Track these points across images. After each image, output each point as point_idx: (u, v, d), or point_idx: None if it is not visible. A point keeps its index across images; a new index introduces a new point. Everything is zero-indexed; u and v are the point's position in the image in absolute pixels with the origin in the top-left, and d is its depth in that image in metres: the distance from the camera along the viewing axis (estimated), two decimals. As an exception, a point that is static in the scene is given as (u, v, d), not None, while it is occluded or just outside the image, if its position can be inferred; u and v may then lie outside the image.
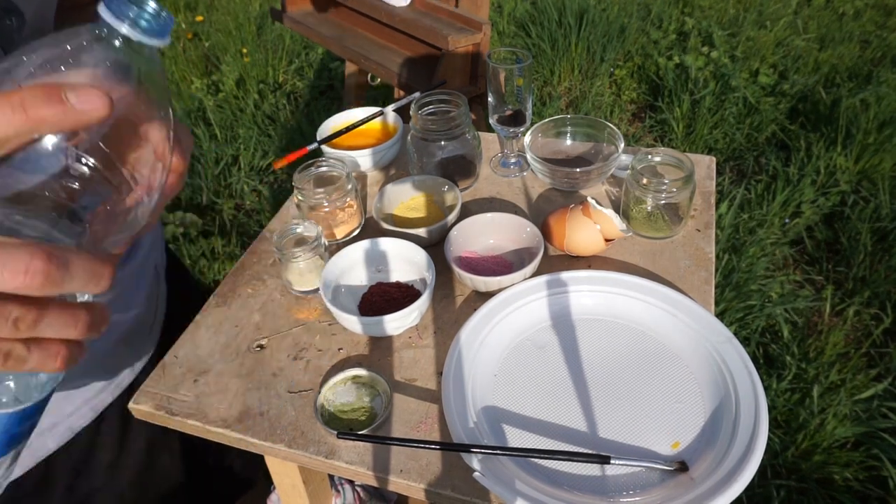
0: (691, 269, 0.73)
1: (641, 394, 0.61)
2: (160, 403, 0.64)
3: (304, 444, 0.59)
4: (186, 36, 3.41)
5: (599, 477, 0.55)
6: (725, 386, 0.60)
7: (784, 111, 2.52)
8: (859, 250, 1.90)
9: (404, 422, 0.60)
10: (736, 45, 2.82)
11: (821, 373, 1.58)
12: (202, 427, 0.62)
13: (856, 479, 1.39)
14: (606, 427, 0.59)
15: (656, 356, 0.64)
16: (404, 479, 0.56)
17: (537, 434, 0.59)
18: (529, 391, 0.62)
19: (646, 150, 0.78)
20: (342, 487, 0.91)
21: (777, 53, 2.80)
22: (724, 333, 0.63)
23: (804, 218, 2.05)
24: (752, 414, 0.56)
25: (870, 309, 1.77)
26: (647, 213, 0.75)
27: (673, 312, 0.65)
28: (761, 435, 0.54)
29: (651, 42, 2.96)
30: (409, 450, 0.58)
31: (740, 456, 0.53)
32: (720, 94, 2.55)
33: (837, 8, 3.17)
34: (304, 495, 0.75)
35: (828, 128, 2.36)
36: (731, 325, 1.67)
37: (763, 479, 1.39)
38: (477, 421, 0.58)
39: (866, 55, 2.77)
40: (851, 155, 2.22)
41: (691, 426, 0.58)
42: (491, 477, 0.52)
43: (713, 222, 0.79)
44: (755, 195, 2.14)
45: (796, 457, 1.43)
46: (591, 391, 0.62)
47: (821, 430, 1.45)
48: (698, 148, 2.39)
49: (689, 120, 2.49)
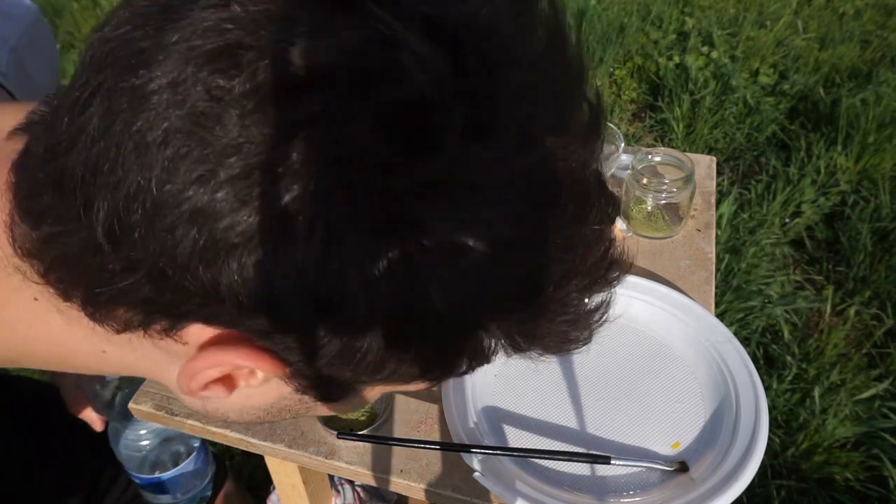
0: (691, 269, 0.73)
1: (641, 394, 0.61)
2: (160, 403, 0.63)
3: (304, 444, 0.59)
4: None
5: (599, 477, 0.55)
6: (726, 386, 0.60)
7: (784, 111, 2.51)
8: (860, 250, 1.90)
9: (404, 422, 0.60)
10: (736, 45, 2.82)
11: (821, 373, 1.58)
12: (202, 427, 0.61)
13: (856, 480, 1.39)
14: (606, 427, 0.59)
15: (656, 356, 0.64)
16: (404, 480, 0.56)
17: (537, 434, 0.59)
18: (529, 391, 0.62)
19: (646, 150, 0.78)
20: (342, 487, 0.91)
21: (777, 53, 2.80)
22: (724, 333, 0.63)
23: (804, 218, 2.05)
24: (753, 414, 0.56)
25: (870, 309, 1.77)
26: (647, 213, 0.75)
27: (673, 312, 0.65)
28: (762, 435, 0.54)
29: (651, 42, 2.96)
30: (410, 450, 0.58)
31: (741, 456, 0.53)
32: (720, 94, 2.55)
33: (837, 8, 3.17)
34: (304, 495, 0.75)
35: (828, 127, 2.36)
36: (732, 325, 1.67)
37: (763, 480, 1.39)
38: (477, 421, 0.58)
39: (866, 55, 2.77)
40: (852, 155, 2.22)
41: (691, 426, 0.58)
42: (491, 477, 0.52)
43: (713, 222, 0.79)
44: (755, 195, 2.14)
45: (797, 457, 1.43)
46: (591, 391, 0.61)
47: (821, 430, 1.45)
48: (698, 148, 2.39)
49: (689, 120, 2.49)
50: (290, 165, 0.26)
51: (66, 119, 0.29)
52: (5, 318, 0.35)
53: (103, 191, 0.28)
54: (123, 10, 0.29)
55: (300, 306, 0.28)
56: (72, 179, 0.28)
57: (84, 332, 0.34)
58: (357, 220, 0.26)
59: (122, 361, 0.37)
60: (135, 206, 0.27)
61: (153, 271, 0.28)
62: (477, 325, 0.31)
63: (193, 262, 0.28)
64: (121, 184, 0.27)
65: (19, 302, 0.34)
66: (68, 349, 0.37)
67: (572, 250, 0.31)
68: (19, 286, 0.34)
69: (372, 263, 0.27)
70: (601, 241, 0.32)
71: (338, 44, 0.26)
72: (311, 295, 0.27)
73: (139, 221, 0.27)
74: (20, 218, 0.32)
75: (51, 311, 0.34)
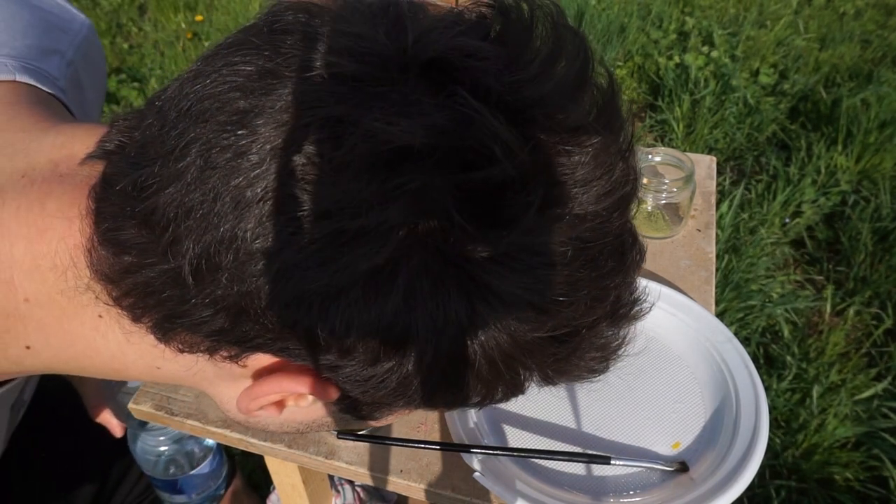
0: (691, 268, 0.73)
1: (642, 394, 0.61)
2: (160, 403, 0.63)
3: (303, 444, 0.59)
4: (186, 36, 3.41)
5: (599, 477, 0.55)
6: (726, 386, 0.59)
7: (784, 111, 2.51)
8: (860, 250, 1.90)
9: (404, 422, 0.60)
10: (736, 45, 2.82)
11: (821, 373, 1.58)
12: (202, 427, 0.61)
13: (856, 480, 1.39)
14: (606, 427, 0.59)
15: (656, 356, 0.64)
16: (404, 480, 0.56)
17: (537, 434, 0.59)
18: (529, 391, 0.62)
19: (646, 150, 0.78)
20: (342, 487, 0.91)
21: (777, 53, 2.79)
22: (724, 333, 0.63)
23: (804, 218, 2.05)
24: (753, 414, 0.56)
25: (870, 309, 1.77)
26: (647, 213, 0.75)
27: (673, 312, 0.65)
28: (762, 435, 0.54)
29: (651, 42, 2.96)
30: (409, 450, 0.58)
31: (741, 456, 0.53)
32: (720, 94, 2.55)
33: (838, 7, 3.17)
34: (303, 495, 0.75)
35: (828, 127, 2.36)
36: (732, 325, 1.67)
37: (763, 480, 1.39)
38: (477, 421, 0.58)
39: (867, 55, 2.76)
40: (852, 154, 2.22)
41: (692, 426, 0.58)
42: (491, 477, 0.52)
43: (713, 222, 0.79)
44: (755, 195, 2.14)
45: (797, 457, 1.43)
46: (591, 391, 0.61)
47: (821, 431, 1.45)
48: (698, 148, 2.39)
49: (690, 120, 2.49)
50: (379, 230, 0.28)
51: (160, 163, 0.31)
52: (68, 330, 0.37)
53: (195, 233, 0.30)
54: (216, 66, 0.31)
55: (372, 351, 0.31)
56: (162, 217, 0.31)
57: (142, 350, 0.37)
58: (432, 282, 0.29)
59: (173, 376, 0.39)
60: (226, 252, 0.30)
61: (234, 308, 0.31)
62: (520, 367, 0.35)
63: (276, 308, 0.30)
64: (214, 229, 0.30)
65: (85, 317, 0.36)
66: (123, 364, 0.39)
67: (607, 299, 0.34)
68: (88, 304, 0.36)
69: (444, 318, 0.30)
70: (632, 286, 0.36)
71: (430, 123, 0.28)
72: (385, 339, 0.31)
73: (229, 265, 0.30)
74: (100, 244, 0.34)
75: (113, 329, 0.36)
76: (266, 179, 0.29)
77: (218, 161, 0.29)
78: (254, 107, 0.29)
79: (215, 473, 0.81)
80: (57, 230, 0.36)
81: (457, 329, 0.30)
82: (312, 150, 0.28)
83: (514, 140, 0.29)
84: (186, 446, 0.78)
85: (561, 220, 0.30)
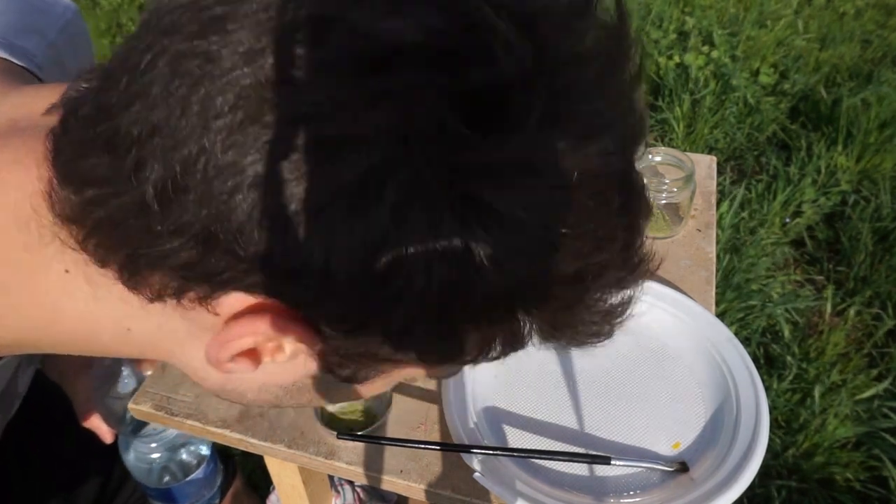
0: (691, 269, 0.73)
1: (642, 394, 0.61)
2: (160, 404, 0.63)
3: (303, 444, 0.59)
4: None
5: (600, 477, 0.55)
6: (726, 386, 0.59)
7: (785, 111, 2.51)
8: (860, 250, 1.90)
9: (404, 422, 0.60)
10: (736, 45, 2.82)
11: (822, 373, 1.58)
12: (202, 427, 0.61)
13: (856, 480, 1.39)
14: (607, 427, 0.59)
15: (656, 356, 0.64)
16: (404, 480, 0.56)
17: (537, 434, 0.59)
18: (529, 391, 0.62)
19: (646, 150, 0.78)
20: (342, 488, 0.91)
21: (777, 53, 2.79)
22: (724, 333, 0.63)
23: (805, 218, 2.05)
24: (753, 414, 0.56)
25: (871, 309, 1.77)
26: (648, 212, 0.75)
27: (673, 312, 0.65)
28: (762, 435, 0.54)
29: (651, 41, 2.96)
30: (409, 450, 0.58)
31: (741, 456, 0.53)
32: (720, 94, 2.55)
33: (838, 7, 3.17)
34: (303, 496, 0.75)
35: (829, 127, 2.36)
36: (732, 325, 1.67)
37: (763, 480, 1.39)
38: (477, 421, 0.58)
39: (867, 55, 2.76)
40: (852, 154, 2.22)
41: (692, 426, 0.58)
42: (491, 477, 0.52)
43: (714, 222, 0.79)
44: (756, 195, 2.14)
45: (797, 457, 1.43)
46: (591, 391, 0.61)
47: (822, 431, 1.45)
48: (699, 147, 2.39)
49: (690, 119, 2.49)
50: (363, 137, 0.26)
51: (125, 80, 0.28)
52: (33, 291, 0.35)
53: (160, 151, 0.27)
54: None
55: (356, 277, 0.28)
56: (126, 139, 0.28)
57: (111, 307, 0.34)
58: (424, 196, 0.26)
59: (145, 340, 0.36)
60: (193, 169, 0.27)
61: (202, 234, 0.28)
62: (520, 309, 0.31)
63: (248, 227, 0.27)
64: (180, 145, 0.27)
65: (51, 273, 0.34)
66: (93, 328, 0.36)
67: (615, 241, 0.31)
68: (53, 256, 0.33)
69: (434, 240, 0.27)
70: (640, 235, 0.33)
71: (425, 22, 0.26)
72: (369, 266, 0.27)
73: (196, 184, 0.27)
74: (60, 183, 0.31)
75: (80, 284, 0.34)
76: (238, 85, 0.26)
77: (186, 69, 0.27)
78: (228, 12, 0.27)
79: (209, 481, 0.81)
80: (13, 181, 0.33)
81: (451, 253, 0.27)
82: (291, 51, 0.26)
83: (519, 41, 0.26)
84: (179, 454, 0.77)
85: (566, 137, 0.28)
